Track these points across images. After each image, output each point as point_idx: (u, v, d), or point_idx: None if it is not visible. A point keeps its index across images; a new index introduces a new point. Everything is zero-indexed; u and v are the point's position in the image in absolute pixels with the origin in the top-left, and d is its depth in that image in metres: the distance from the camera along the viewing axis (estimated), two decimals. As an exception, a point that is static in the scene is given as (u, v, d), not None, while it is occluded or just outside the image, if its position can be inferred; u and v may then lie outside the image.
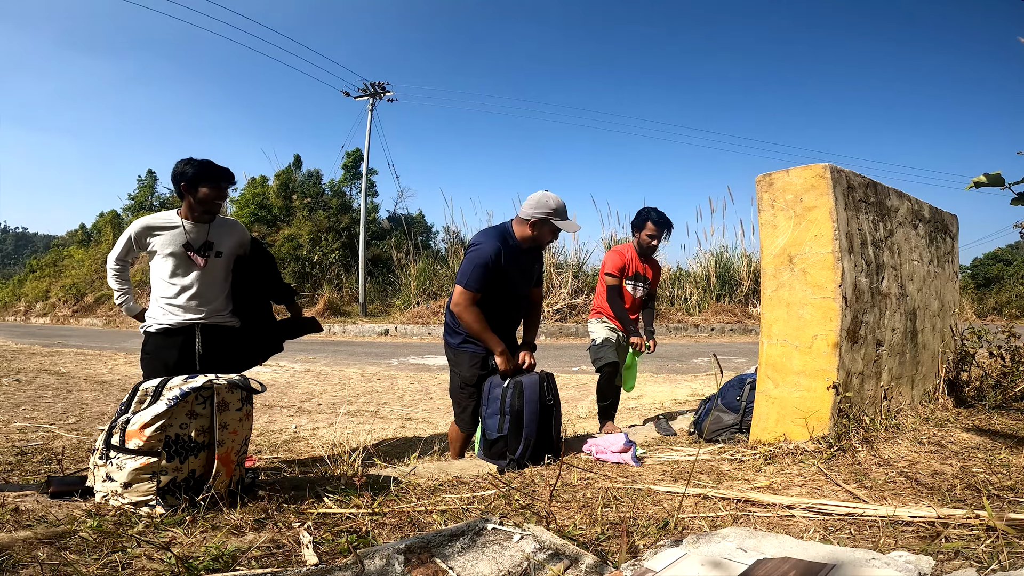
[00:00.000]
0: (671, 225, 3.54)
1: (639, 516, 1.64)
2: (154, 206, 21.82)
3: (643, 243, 3.52)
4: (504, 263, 2.56)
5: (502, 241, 2.59)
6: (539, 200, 2.58)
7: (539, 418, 2.46)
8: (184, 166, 2.49)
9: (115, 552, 1.28)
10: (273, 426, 4.02)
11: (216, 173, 2.51)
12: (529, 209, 2.59)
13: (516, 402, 2.45)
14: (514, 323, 2.80)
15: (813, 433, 2.26)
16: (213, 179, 2.50)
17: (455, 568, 1.20)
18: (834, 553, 1.23)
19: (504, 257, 2.56)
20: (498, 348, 2.56)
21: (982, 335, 3.37)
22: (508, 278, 2.61)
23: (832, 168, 2.37)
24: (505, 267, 2.57)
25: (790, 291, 2.43)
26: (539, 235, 2.62)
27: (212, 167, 2.51)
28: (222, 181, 2.53)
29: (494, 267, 2.53)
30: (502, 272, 2.56)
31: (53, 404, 4.43)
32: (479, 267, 2.51)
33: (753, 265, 13.67)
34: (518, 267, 2.66)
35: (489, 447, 2.49)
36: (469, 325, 2.56)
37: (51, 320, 19.00)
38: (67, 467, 2.47)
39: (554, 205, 2.57)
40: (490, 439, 2.49)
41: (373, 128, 17.23)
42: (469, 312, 2.54)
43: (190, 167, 2.48)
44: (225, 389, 1.81)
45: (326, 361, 7.81)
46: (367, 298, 15.84)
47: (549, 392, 2.55)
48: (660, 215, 3.51)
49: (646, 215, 3.52)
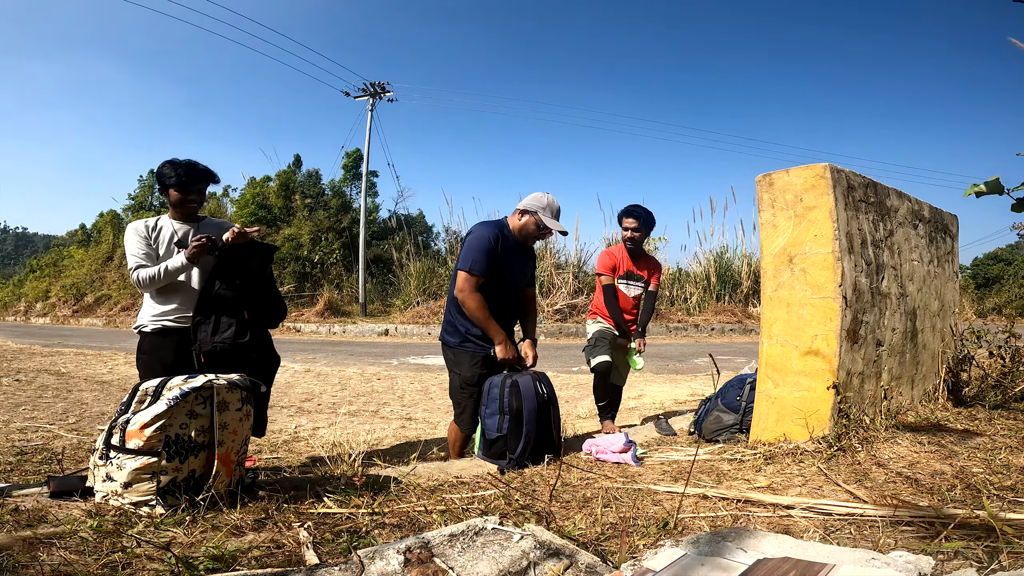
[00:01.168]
0: (648, 216, 3.55)
1: (639, 516, 1.64)
2: (154, 206, 21.83)
3: (624, 238, 3.57)
4: (501, 251, 2.61)
5: (498, 229, 2.64)
6: (536, 196, 2.68)
7: (538, 416, 2.47)
8: (160, 167, 2.50)
9: (115, 552, 1.28)
10: (273, 426, 4.02)
11: (187, 175, 2.48)
12: (525, 202, 2.68)
13: (514, 401, 2.46)
14: (510, 317, 2.80)
15: (813, 433, 2.26)
16: (181, 182, 2.47)
17: (455, 568, 1.20)
18: (834, 553, 1.23)
19: (501, 245, 2.61)
20: (499, 336, 2.58)
21: (982, 335, 3.37)
22: (505, 268, 2.64)
23: (832, 168, 2.37)
24: (502, 255, 2.62)
25: (790, 291, 2.43)
26: (525, 226, 2.66)
27: (185, 170, 2.48)
28: (190, 184, 2.50)
29: (493, 252, 2.57)
30: (499, 260, 2.60)
31: (53, 404, 4.43)
32: (480, 251, 2.55)
33: (753, 265, 13.68)
34: (514, 259, 2.70)
35: (489, 447, 2.49)
36: (473, 312, 2.56)
37: (51, 320, 19.01)
38: (67, 467, 2.47)
39: (546, 203, 2.66)
40: (490, 439, 2.49)
41: (373, 128, 17.26)
42: (473, 298, 2.54)
43: (165, 168, 2.48)
44: (225, 389, 1.81)
45: (326, 361, 7.82)
46: (367, 298, 15.84)
47: (543, 388, 2.56)
48: (636, 207, 3.55)
49: (624, 210, 3.58)
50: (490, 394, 2.53)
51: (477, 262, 2.54)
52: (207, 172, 2.55)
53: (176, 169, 2.48)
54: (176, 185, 2.47)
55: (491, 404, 2.51)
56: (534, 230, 2.67)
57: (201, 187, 2.55)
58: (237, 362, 2.37)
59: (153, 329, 2.48)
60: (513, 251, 2.70)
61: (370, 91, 17.42)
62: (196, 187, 2.52)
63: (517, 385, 2.49)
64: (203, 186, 2.56)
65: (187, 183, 2.49)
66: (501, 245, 2.61)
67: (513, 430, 2.44)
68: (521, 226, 2.67)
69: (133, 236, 2.49)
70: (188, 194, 2.50)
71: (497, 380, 2.54)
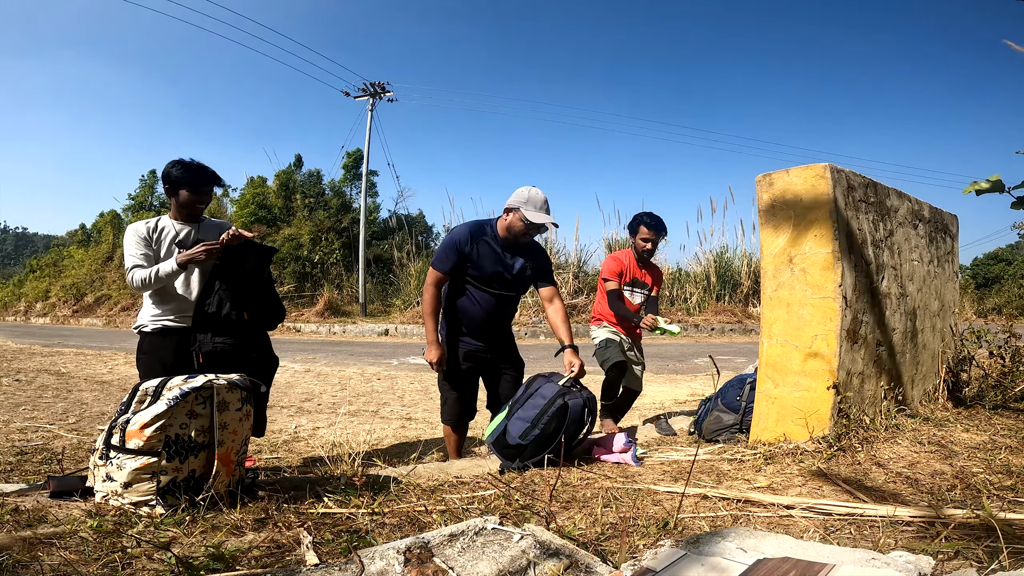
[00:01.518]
0: (665, 228, 3.53)
1: (639, 516, 1.64)
2: (154, 206, 21.83)
3: (639, 247, 3.52)
4: (478, 252, 2.59)
5: (476, 229, 2.62)
6: (518, 191, 2.61)
7: (565, 438, 2.33)
8: (170, 168, 2.50)
9: (115, 552, 1.28)
10: (273, 426, 4.02)
11: (198, 177, 2.50)
12: (509, 200, 2.62)
13: (552, 424, 2.32)
14: (496, 324, 2.71)
15: (813, 433, 2.26)
16: (194, 183, 2.49)
17: (455, 568, 1.20)
18: (834, 553, 1.23)
19: (478, 246, 2.59)
20: (431, 337, 2.60)
21: (982, 335, 3.36)
22: (482, 271, 2.60)
23: (832, 168, 2.37)
24: (478, 257, 2.59)
25: (790, 291, 2.43)
26: (511, 224, 2.60)
27: (194, 171, 2.50)
28: (202, 185, 2.52)
29: (461, 251, 2.57)
30: (473, 262, 2.59)
31: (53, 404, 4.43)
32: (445, 248, 2.61)
33: (753, 265, 13.68)
34: (497, 261, 2.61)
35: (503, 447, 2.37)
36: (423, 303, 2.65)
37: (51, 320, 19.01)
38: (67, 467, 2.47)
39: (527, 196, 2.56)
40: (509, 442, 2.35)
41: (373, 128, 17.27)
42: (428, 291, 2.63)
43: (175, 169, 2.49)
44: (225, 389, 1.81)
45: (326, 361, 7.82)
46: (367, 298, 15.84)
47: (589, 417, 2.40)
48: (653, 218, 3.51)
49: (639, 219, 3.52)
50: (532, 398, 2.41)
51: (439, 259, 2.61)
52: (215, 174, 2.57)
53: (188, 171, 2.49)
54: (188, 186, 2.49)
55: (528, 409, 2.38)
56: (521, 226, 2.57)
57: (211, 189, 2.58)
58: (236, 363, 2.37)
59: (153, 329, 2.48)
60: (497, 250, 2.63)
61: (370, 91, 17.42)
62: (207, 188, 2.55)
63: (565, 409, 2.33)
64: (212, 188, 2.58)
65: (199, 184, 2.51)
66: (476, 244, 2.59)
67: (537, 446, 2.31)
68: (507, 224, 2.60)
69: (132, 237, 2.49)
70: (199, 195, 2.52)
71: (549, 392, 2.40)
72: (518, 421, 2.38)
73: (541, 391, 2.43)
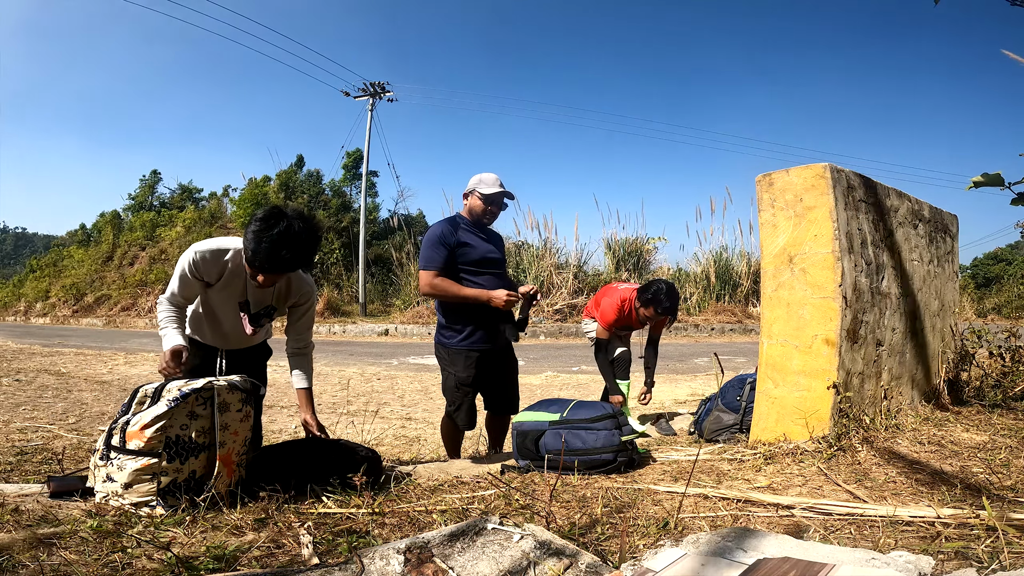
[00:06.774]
0: (676, 314, 3.62)
1: (639, 516, 1.64)
2: (154, 206, 21.83)
3: (642, 318, 3.56)
4: (459, 237, 2.63)
5: (451, 222, 2.69)
6: (471, 179, 2.74)
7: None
8: (252, 235, 1.90)
9: (115, 552, 1.28)
10: (273, 426, 4.02)
11: (279, 262, 1.92)
12: (464, 189, 2.75)
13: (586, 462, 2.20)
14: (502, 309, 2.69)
15: (813, 433, 2.26)
16: (273, 269, 1.95)
17: (455, 568, 1.20)
18: (834, 553, 1.23)
19: (456, 233, 2.64)
20: (485, 296, 2.58)
21: (982, 335, 3.36)
22: (474, 248, 2.65)
23: (832, 168, 2.37)
24: (462, 240, 2.64)
25: (790, 291, 2.43)
26: (472, 207, 2.71)
27: (277, 252, 1.90)
28: (284, 270, 1.99)
29: (448, 243, 2.60)
30: (461, 244, 2.63)
31: (53, 404, 4.43)
32: (429, 246, 2.62)
33: (753, 265, 13.67)
34: (481, 242, 2.71)
35: (525, 445, 2.29)
36: (444, 295, 2.60)
37: (51, 320, 19.00)
38: (67, 467, 2.47)
39: (480, 178, 2.71)
40: (539, 449, 2.25)
41: (373, 128, 17.27)
42: (434, 287, 2.59)
43: (253, 243, 1.90)
44: (226, 390, 1.81)
45: (326, 361, 7.81)
46: (367, 298, 15.84)
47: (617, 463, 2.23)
48: (672, 304, 3.42)
49: (657, 300, 3.39)
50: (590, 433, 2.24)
51: (428, 258, 2.61)
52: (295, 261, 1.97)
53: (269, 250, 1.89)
54: (266, 271, 1.96)
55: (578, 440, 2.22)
56: (482, 205, 2.69)
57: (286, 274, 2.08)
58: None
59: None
60: (476, 233, 2.71)
61: (370, 91, 17.42)
62: (277, 274, 2.02)
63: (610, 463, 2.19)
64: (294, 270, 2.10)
65: (268, 270, 1.96)
66: (455, 233, 2.64)
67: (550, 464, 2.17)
68: (469, 208, 2.73)
69: (188, 267, 2.05)
70: (265, 279, 2.00)
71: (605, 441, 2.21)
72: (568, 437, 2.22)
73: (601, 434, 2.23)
